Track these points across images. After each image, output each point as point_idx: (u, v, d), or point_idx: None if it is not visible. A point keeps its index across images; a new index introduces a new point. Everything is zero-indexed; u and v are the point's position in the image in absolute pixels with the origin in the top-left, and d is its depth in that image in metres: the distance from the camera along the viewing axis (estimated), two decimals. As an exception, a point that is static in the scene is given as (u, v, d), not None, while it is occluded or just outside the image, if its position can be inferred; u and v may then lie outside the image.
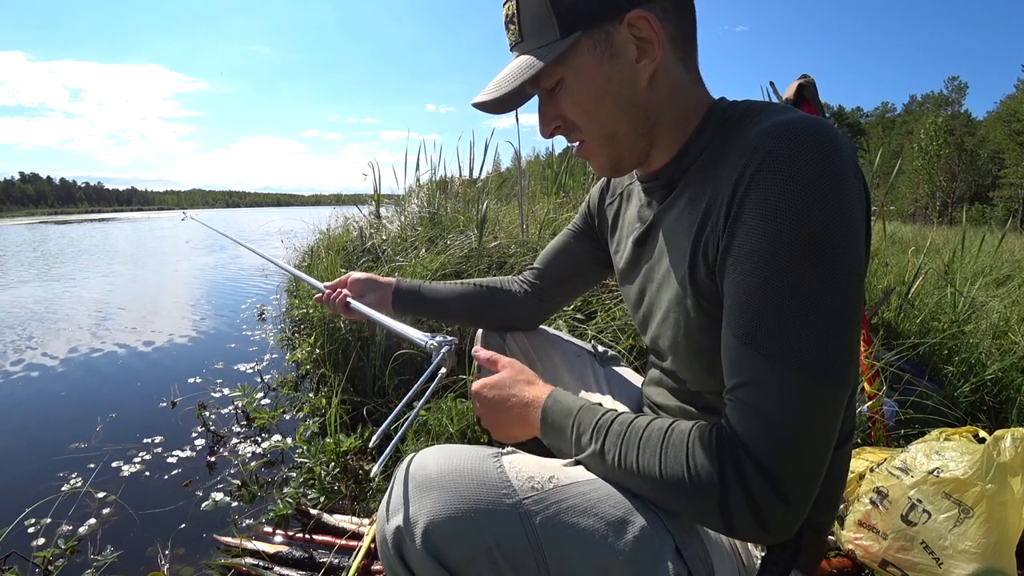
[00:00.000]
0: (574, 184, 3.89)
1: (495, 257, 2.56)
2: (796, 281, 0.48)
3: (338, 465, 1.50)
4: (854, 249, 0.49)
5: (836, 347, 0.48)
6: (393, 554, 0.52)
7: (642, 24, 0.57)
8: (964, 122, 41.20)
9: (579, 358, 1.01)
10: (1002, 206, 34.56)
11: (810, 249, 0.47)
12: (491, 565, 0.51)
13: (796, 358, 0.47)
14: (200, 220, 1.29)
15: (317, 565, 1.14)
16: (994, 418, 1.63)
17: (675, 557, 0.52)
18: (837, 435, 0.51)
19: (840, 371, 0.48)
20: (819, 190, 0.47)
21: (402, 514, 0.52)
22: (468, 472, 0.53)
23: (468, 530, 0.51)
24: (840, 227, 0.48)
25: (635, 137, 0.63)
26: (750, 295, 0.50)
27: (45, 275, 6.59)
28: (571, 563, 0.51)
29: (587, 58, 0.59)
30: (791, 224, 0.48)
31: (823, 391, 0.48)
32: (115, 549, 1.26)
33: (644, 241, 0.72)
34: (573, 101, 0.61)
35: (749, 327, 0.50)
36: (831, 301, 0.48)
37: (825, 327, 0.48)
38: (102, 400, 2.27)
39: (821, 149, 0.48)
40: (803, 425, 0.48)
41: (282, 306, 3.46)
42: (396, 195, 4.00)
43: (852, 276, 0.48)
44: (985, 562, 0.86)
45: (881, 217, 3.12)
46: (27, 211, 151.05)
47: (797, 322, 0.48)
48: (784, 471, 0.47)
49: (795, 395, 0.48)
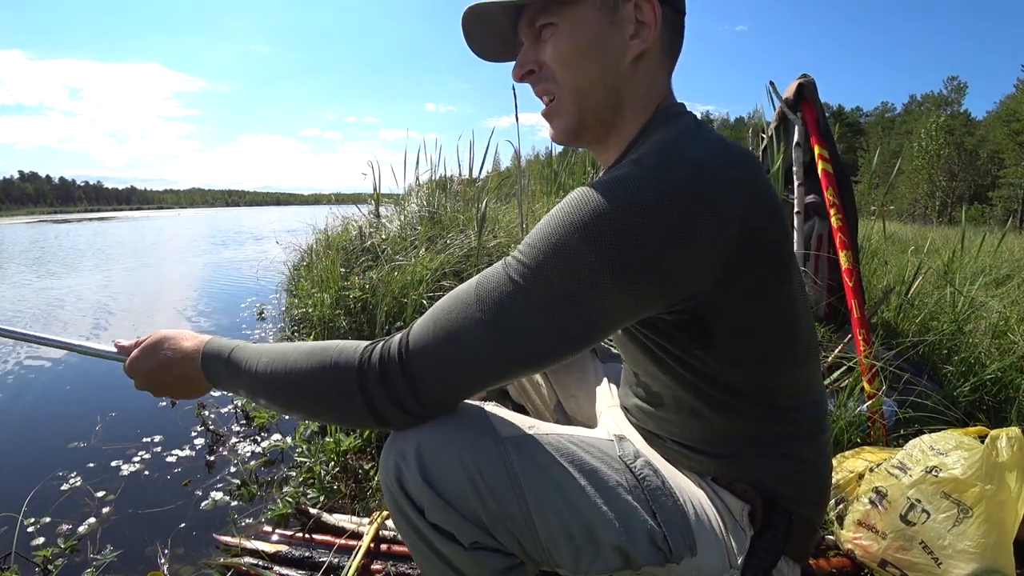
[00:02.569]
0: (574, 183, 3.89)
1: (495, 256, 2.56)
2: (537, 266, 0.52)
3: (338, 464, 1.50)
4: (619, 269, 0.50)
5: (534, 334, 0.53)
6: (395, 483, 0.57)
7: (647, 8, 0.60)
8: (964, 122, 41.18)
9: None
10: (1001, 206, 34.54)
11: (547, 248, 0.52)
12: (476, 494, 0.55)
13: (494, 321, 0.53)
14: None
15: (317, 564, 1.14)
16: (994, 418, 1.63)
17: (650, 515, 0.57)
18: (481, 389, 0.58)
19: (520, 353, 0.54)
20: (619, 210, 0.50)
21: (396, 448, 0.58)
22: (456, 414, 0.60)
23: (454, 457, 0.55)
24: (608, 247, 0.50)
25: (602, 106, 0.65)
26: (504, 260, 0.56)
27: (45, 275, 6.59)
28: (547, 501, 0.55)
29: (589, 12, 0.61)
30: (569, 220, 0.52)
31: (496, 354, 0.54)
32: (115, 548, 1.26)
33: None
34: (558, 48, 0.63)
35: (482, 279, 0.56)
36: (559, 299, 0.52)
37: (535, 315, 0.52)
38: (101, 399, 2.27)
39: (656, 182, 0.50)
40: (464, 359, 0.54)
41: (282, 305, 3.46)
42: (396, 194, 4.01)
43: (572, 293, 0.52)
44: (984, 562, 0.86)
45: (881, 217, 3.12)
46: (27, 210, 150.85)
47: (507, 301, 0.53)
48: (424, 373, 0.55)
49: (473, 340, 0.53)
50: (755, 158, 0.60)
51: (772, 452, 0.64)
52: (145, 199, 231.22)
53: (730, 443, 0.65)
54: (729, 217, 0.52)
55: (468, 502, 0.55)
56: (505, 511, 0.55)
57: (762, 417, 0.63)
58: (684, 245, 0.50)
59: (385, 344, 0.57)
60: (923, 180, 38.37)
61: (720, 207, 0.51)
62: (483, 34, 0.69)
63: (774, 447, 0.64)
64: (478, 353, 0.54)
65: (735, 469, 0.66)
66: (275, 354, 0.63)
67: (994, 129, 38.16)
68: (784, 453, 0.65)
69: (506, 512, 0.55)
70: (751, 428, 0.64)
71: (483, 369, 0.55)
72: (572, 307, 0.52)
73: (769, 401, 0.63)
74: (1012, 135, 35.42)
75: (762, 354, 0.60)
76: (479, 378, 0.56)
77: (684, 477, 0.67)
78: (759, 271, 0.56)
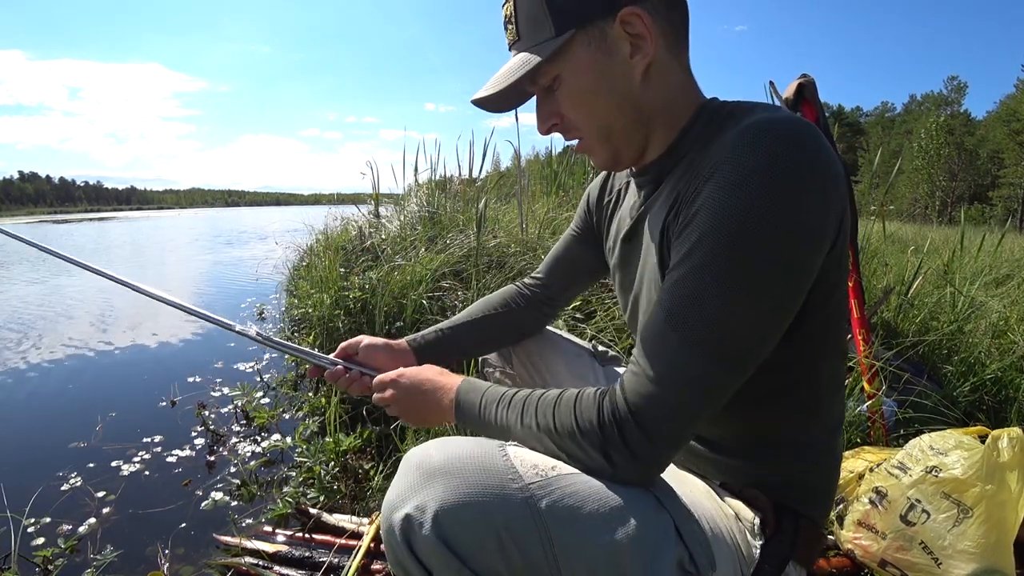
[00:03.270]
0: (574, 183, 3.89)
1: (495, 256, 2.56)
2: (719, 270, 0.51)
3: (338, 464, 1.50)
4: (792, 247, 0.50)
5: (739, 336, 0.51)
6: (401, 543, 0.52)
7: (635, 20, 0.58)
8: (964, 122, 41.19)
9: (579, 358, 1.01)
10: (1001, 206, 34.56)
11: (739, 243, 0.50)
12: (499, 549, 0.51)
13: (695, 336, 0.51)
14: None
15: (317, 564, 1.14)
16: (993, 418, 1.63)
17: (677, 540, 0.54)
18: (713, 409, 0.54)
19: (732, 358, 0.52)
20: (765, 188, 0.49)
21: (410, 503, 0.52)
22: (474, 459, 0.54)
23: (477, 514, 0.51)
24: (778, 225, 0.49)
25: (631, 130, 0.65)
26: (678, 277, 0.54)
27: (45, 274, 6.59)
28: (577, 546, 0.52)
29: (582, 54, 0.60)
30: (727, 218, 0.50)
31: (710, 371, 0.52)
32: (115, 548, 1.26)
33: (631, 238, 0.73)
34: (570, 98, 0.63)
35: (668, 305, 0.54)
36: (750, 293, 0.50)
37: (734, 317, 0.51)
38: (102, 399, 2.27)
39: (779, 148, 0.50)
40: (680, 390, 0.52)
41: (281, 305, 3.46)
42: (395, 194, 4.01)
43: (781, 271, 0.51)
44: (984, 562, 0.86)
45: (881, 217, 3.12)
46: (27, 210, 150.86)
47: (707, 306, 0.51)
48: (653, 421, 0.52)
49: (682, 367, 0.52)
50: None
51: (796, 451, 0.65)
52: (145, 199, 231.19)
53: (758, 440, 0.65)
54: (839, 170, 0.52)
55: (488, 559, 0.51)
56: (529, 562, 0.52)
57: (799, 412, 0.64)
58: (827, 201, 0.51)
59: (612, 403, 0.55)
60: (923, 180, 38.39)
61: (833, 158, 0.51)
62: (495, 103, 0.67)
63: (800, 445, 0.64)
64: (707, 405, 0.54)
65: (752, 469, 0.65)
66: (527, 410, 0.61)
67: (994, 129, 38.16)
68: (807, 452, 0.65)
69: (530, 562, 0.52)
70: (785, 423, 0.64)
71: (703, 394, 0.53)
72: (774, 294, 0.52)
73: (811, 395, 0.63)
74: (1012, 135, 35.42)
75: (826, 339, 0.60)
76: (706, 406, 0.54)
77: (693, 486, 0.67)
78: (844, 236, 0.56)
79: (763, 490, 0.65)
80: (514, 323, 0.99)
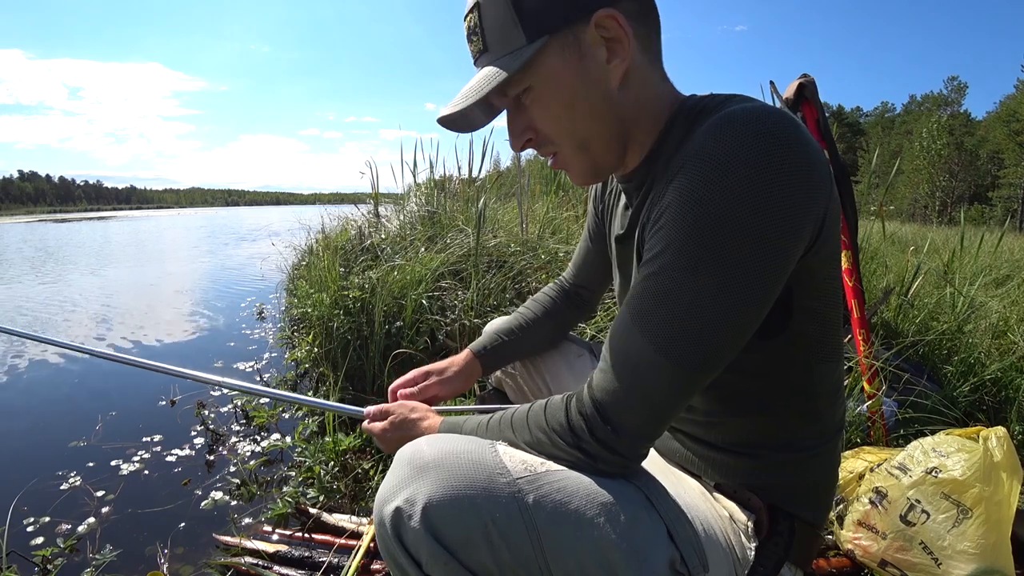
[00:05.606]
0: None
1: (494, 256, 2.56)
2: (683, 267, 0.50)
3: (337, 464, 1.50)
4: (758, 240, 0.48)
5: (703, 334, 0.50)
6: (391, 536, 0.52)
7: (610, 23, 0.55)
8: (964, 122, 41.22)
9: (580, 358, 1.01)
10: (1001, 206, 34.58)
11: (701, 239, 0.49)
12: (487, 544, 0.51)
13: (659, 333, 0.51)
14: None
15: (316, 564, 1.14)
16: (993, 418, 1.63)
17: (667, 539, 0.54)
18: (682, 404, 0.55)
19: (696, 355, 0.51)
20: (726, 181, 0.48)
21: (400, 496, 0.52)
22: (464, 454, 0.55)
23: (466, 508, 0.51)
24: (739, 220, 0.48)
25: (608, 141, 0.62)
26: (644, 276, 0.53)
27: (46, 274, 6.59)
28: (565, 542, 0.52)
29: (556, 62, 0.56)
30: (689, 215, 0.49)
31: (675, 368, 0.51)
32: (114, 548, 1.26)
33: (623, 240, 0.73)
34: (544, 109, 0.60)
35: (634, 303, 0.54)
36: (715, 290, 0.49)
37: (699, 314, 0.50)
38: (101, 398, 2.27)
39: (742, 139, 0.48)
40: (643, 387, 0.52)
41: (281, 305, 3.46)
42: (395, 194, 4.00)
43: (747, 267, 0.49)
44: (984, 562, 0.86)
45: (880, 217, 3.12)
46: (26, 209, 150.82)
47: (671, 304, 0.51)
48: (618, 415, 0.53)
49: (645, 364, 0.52)
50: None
51: (793, 454, 0.64)
52: (145, 198, 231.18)
53: (755, 443, 0.64)
54: (816, 159, 0.50)
55: (477, 552, 0.51)
56: (519, 559, 0.52)
57: (796, 416, 0.63)
58: (800, 190, 0.49)
59: (579, 402, 0.56)
60: (923, 180, 38.42)
61: (810, 147, 0.49)
62: (464, 122, 0.64)
63: (797, 448, 0.64)
64: (674, 404, 0.54)
65: (749, 470, 0.65)
66: (503, 432, 0.63)
67: (994, 129, 38.19)
68: (804, 455, 0.64)
69: (520, 560, 0.52)
70: (782, 427, 0.63)
71: (668, 391, 0.53)
72: (749, 291, 0.50)
73: (807, 398, 0.63)
74: (1012, 135, 35.44)
75: (820, 340, 0.60)
76: (673, 403, 0.54)
77: (687, 486, 0.66)
78: (834, 230, 0.55)
79: (760, 492, 0.64)
80: (562, 324, 1.04)
